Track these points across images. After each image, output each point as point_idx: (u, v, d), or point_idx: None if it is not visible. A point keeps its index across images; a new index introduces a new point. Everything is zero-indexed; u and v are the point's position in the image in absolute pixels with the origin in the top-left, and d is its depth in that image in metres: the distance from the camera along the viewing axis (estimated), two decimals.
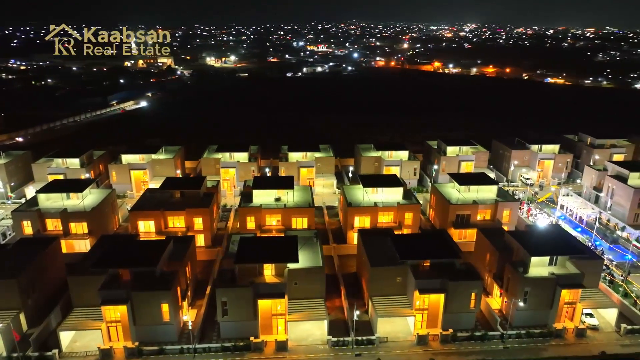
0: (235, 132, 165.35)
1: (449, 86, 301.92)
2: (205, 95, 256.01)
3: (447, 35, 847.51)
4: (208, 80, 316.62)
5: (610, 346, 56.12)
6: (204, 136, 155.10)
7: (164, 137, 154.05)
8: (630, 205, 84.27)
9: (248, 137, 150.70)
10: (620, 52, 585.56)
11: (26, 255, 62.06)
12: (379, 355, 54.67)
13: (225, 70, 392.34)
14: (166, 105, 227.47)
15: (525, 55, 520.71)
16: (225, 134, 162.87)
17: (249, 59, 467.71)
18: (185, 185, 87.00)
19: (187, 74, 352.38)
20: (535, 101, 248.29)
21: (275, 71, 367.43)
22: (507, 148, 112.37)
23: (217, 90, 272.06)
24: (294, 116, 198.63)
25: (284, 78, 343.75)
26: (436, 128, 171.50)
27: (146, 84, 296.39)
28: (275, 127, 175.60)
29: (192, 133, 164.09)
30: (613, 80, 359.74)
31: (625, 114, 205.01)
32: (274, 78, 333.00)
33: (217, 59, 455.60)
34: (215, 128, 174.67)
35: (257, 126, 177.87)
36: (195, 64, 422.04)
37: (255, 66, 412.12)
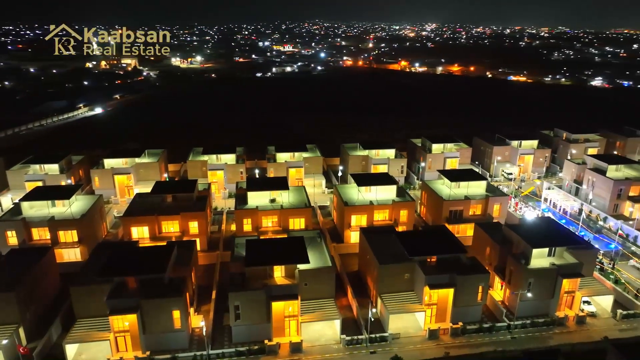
0: (212, 134, 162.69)
1: (420, 85, 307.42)
2: (176, 96, 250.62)
3: (410, 35, 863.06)
4: (176, 81, 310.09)
5: (610, 331, 58.83)
6: (181, 138, 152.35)
7: (139, 141, 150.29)
8: (610, 196, 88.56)
9: (226, 138, 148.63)
10: (574, 51, 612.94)
11: (21, 266, 59.31)
12: (394, 352, 55.21)
13: (193, 70, 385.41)
14: (137, 108, 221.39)
15: (486, 54, 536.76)
16: (203, 135, 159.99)
17: (215, 60, 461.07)
18: (176, 188, 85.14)
19: (153, 75, 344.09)
20: (502, 98, 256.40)
21: (245, 71, 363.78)
22: (488, 144, 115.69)
23: (188, 91, 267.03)
24: (271, 116, 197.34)
25: (254, 78, 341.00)
26: (413, 126, 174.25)
27: (112, 85, 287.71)
28: (254, 128, 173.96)
29: (169, 135, 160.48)
30: (570, 78, 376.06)
31: (586, 110, 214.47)
32: (244, 78, 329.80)
33: (182, 60, 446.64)
34: (192, 130, 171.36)
35: (234, 127, 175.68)
36: (161, 64, 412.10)
37: (222, 66, 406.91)
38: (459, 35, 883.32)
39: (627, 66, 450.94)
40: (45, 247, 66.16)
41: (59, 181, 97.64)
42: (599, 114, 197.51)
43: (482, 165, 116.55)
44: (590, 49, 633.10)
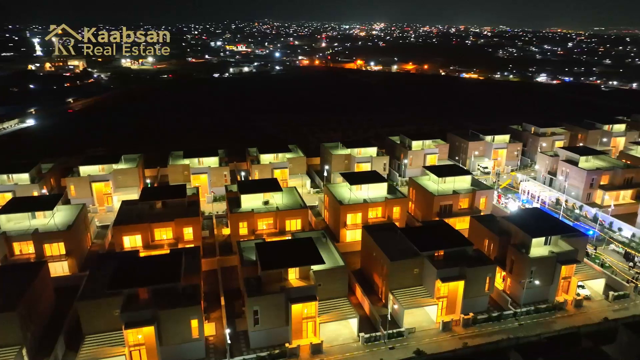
0: (181, 137, 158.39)
1: (380, 83, 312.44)
2: (134, 99, 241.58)
3: (360, 34, 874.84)
4: (131, 83, 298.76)
5: (605, 312, 62.68)
6: (148, 142, 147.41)
7: (106, 146, 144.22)
8: (584, 185, 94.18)
9: (196, 141, 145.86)
10: (516, 49, 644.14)
11: (16, 283, 55.57)
12: (412, 346, 56.26)
13: (147, 72, 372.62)
14: (93, 111, 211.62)
15: (436, 52, 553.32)
16: (171, 139, 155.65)
17: (167, 60, 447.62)
18: (167, 194, 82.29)
19: (104, 77, 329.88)
20: (459, 95, 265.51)
21: (202, 72, 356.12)
22: (463, 140, 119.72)
23: (147, 93, 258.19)
24: (239, 117, 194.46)
25: (212, 79, 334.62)
26: (383, 124, 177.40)
27: (61, 88, 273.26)
28: (223, 130, 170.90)
29: (135, 140, 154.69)
30: (517, 75, 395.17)
31: (537, 105, 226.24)
32: (202, 79, 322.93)
33: (133, 61, 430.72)
34: (157, 133, 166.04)
35: (201, 130, 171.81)
36: (110, 66, 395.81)
37: (176, 67, 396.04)
38: (408, 34, 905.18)
39: (565, 63, 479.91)
40: (39, 262, 62.27)
41: (31, 191, 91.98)
42: (548, 108, 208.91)
43: (457, 160, 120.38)
44: (530, 47, 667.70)
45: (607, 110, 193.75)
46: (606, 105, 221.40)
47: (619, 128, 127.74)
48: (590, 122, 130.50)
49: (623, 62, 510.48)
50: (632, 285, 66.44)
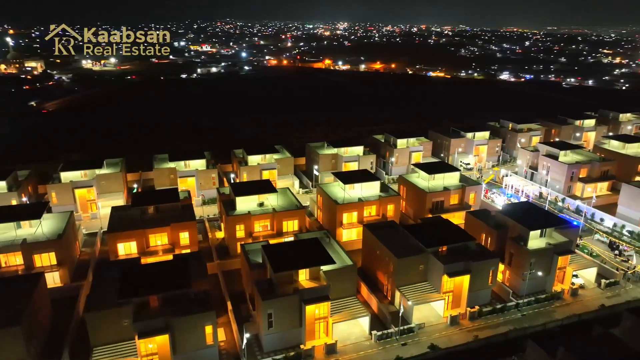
0: (158, 140, 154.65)
1: (350, 82, 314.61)
2: (105, 101, 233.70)
3: (325, 34, 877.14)
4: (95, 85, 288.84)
5: (600, 299, 65.62)
6: (123, 146, 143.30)
7: (80, 151, 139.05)
8: (565, 179, 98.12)
9: (175, 143, 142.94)
10: (477, 48, 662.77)
11: (15, 296, 52.98)
12: (423, 342, 57.16)
13: (110, 73, 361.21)
14: (62, 115, 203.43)
15: (401, 51, 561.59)
16: (149, 142, 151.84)
17: (131, 61, 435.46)
18: (158, 199, 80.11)
19: (66, 79, 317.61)
20: (428, 93, 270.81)
21: (170, 73, 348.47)
22: (445, 137, 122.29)
23: (114, 95, 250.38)
24: (214, 119, 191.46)
25: (181, 80, 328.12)
26: (361, 123, 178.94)
27: (21, 91, 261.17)
28: (200, 132, 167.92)
29: (110, 143, 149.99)
30: (481, 73, 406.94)
31: (506, 101, 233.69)
32: (171, 80, 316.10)
33: (94, 62, 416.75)
34: (133, 137, 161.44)
35: (178, 131, 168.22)
36: (70, 67, 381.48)
37: (141, 68, 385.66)
38: (372, 33, 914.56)
39: (524, 61, 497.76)
40: (36, 274, 59.34)
41: (9, 200, 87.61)
42: (517, 105, 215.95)
43: (439, 157, 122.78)
44: (491, 46, 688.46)
45: (570, 106, 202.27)
46: (569, 101, 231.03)
47: (589, 123, 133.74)
48: (563, 118, 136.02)
49: (577, 60, 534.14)
50: (622, 272, 69.74)
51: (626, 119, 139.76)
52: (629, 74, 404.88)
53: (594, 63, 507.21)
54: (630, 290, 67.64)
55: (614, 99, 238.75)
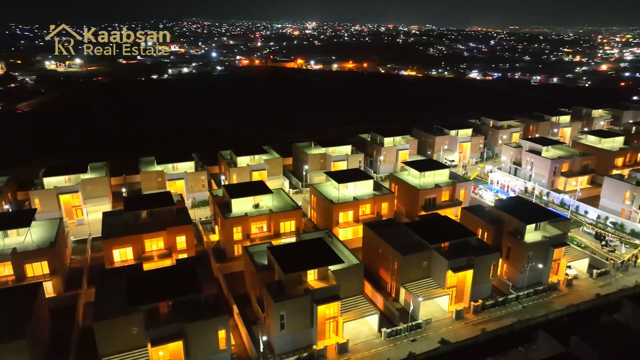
0: (136, 142, 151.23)
1: (325, 81, 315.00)
2: (73, 103, 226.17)
3: (294, 33, 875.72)
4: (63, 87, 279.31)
5: (593, 289, 68.16)
6: (103, 149, 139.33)
7: (56, 155, 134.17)
8: (549, 173, 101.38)
9: (154, 145, 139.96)
10: (445, 47, 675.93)
11: (16, 308, 50.90)
12: (431, 337, 58.02)
13: (77, 74, 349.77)
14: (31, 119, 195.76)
15: (371, 51, 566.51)
16: (127, 144, 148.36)
17: (97, 62, 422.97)
18: (153, 203, 78.18)
19: (30, 81, 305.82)
20: (403, 91, 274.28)
21: (140, 73, 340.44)
22: (429, 135, 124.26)
23: (85, 97, 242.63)
24: (193, 120, 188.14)
25: (152, 81, 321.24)
26: (342, 122, 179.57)
27: None
28: (180, 133, 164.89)
29: (87, 146, 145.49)
30: (451, 71, 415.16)
31: (479, 99, 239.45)
32: (142, 81, 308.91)
33: (58, 63, 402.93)
34: (110, 139, 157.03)
35: (157, 133, 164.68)
36: (33, 68, 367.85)
37: (107, 69, 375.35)
38: (341, 33, 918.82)
39: (491, 60, 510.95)
40: (35, 284, 57.09)
41: None
42: (490, 102, 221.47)
43: (424, 155, 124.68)
44: (458, 45, 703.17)
45: (541, 102, 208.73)
46: (539, 98, 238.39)
47: (565, 119, 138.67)
48: (540, 115, 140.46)
49: (540, 58, 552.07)
50: (612, 262, 72.68)
51: (598, 115, 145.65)
52: (590, 72, 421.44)
53: (556, 61, 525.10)
54: (620, 279, 70.55)
55: (580, 95, 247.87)
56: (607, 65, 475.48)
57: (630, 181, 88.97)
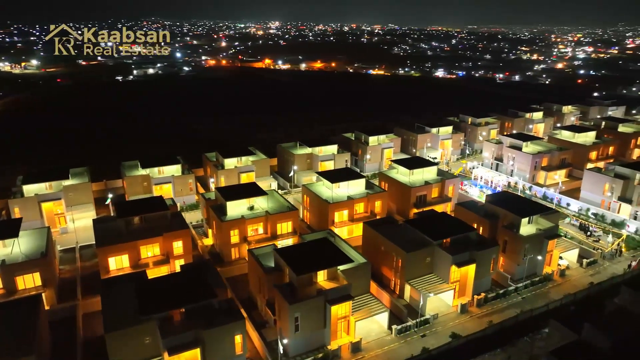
0: (112, 146, 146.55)
1: (297, 81, 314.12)
2: (32, 107, 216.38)
3: (258, 33, 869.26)
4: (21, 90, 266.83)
5: (585, 278, 71.12)
6: (75, 153, 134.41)
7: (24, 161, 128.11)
8: (530, 168, 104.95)
9: (132, 149, 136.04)
10: (409, 46, 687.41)
11: (18, 323, 48.48)
12: (440, 332, 59.09)
13: (36, 77, 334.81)
14: None
15: (336, 50, 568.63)
16: (102, 149, 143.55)
17: (55, 63, 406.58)
18: (146, 208, 75.83)
19: None
20: (374, 90, 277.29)
21: (103, 75, 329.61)
22: (412, 133, 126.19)
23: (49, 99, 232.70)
24: (169, 122, 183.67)
25: (117, 82, 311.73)
26: (321, 122, 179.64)
27: None
28: (157, 135, 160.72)
29: (58, 152, 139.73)
30: (417, 70, 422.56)
31: (451, 97, 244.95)
32: (107, 83, 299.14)
33: (13, 65, 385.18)
34: (82, 143, 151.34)
35: (133, 136, 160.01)
36: None
37: (69, 70, 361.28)
38: (305, 32, 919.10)
39: (454, 58, 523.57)
40: (34, 297, 54.50)
41: None
42: (462, 100, 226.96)
43: (407, 153, 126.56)
44: (421, 44, 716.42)
45: (509, 99, 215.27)
46: (507, 95, 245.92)
47: (538, 115, 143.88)
48: (514, 111, 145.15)
49: (500, 57, 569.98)
50: (600, 252, 76.04)
51: (568, 111, 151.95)
52: (548, 70, 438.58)
53: (515, 59, 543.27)
54: (609, 267, 73.94)
55: (543, 92, 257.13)
56: (562, 64, 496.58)
57: (609, 173, 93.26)
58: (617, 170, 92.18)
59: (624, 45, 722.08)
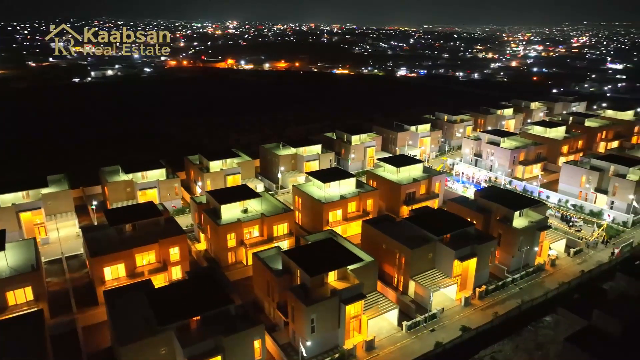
0: (83, 151, 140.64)
1: (262, 81, 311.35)
2: None
3: (217, 33, 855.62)
4: None
5: (574, 266, 74.40)
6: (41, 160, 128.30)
7: None
8: (509, 163, 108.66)
9: (105, 154, 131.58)
10: (369, 45, 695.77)
11: (23, 340, 45.83)
12: (447, 325, 60.34)
13: None
14: None
15: (298, 50, 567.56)
16: (73, 155, 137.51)
17: (2, 64, 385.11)
18: (137, 214, 73.21)
19: None
20: (341, 89, 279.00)
21: (58, 77, 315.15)
22: (391, 131, 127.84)
23: None
24: (137, 125, 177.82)
25: (75, 84, 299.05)
26: (297, 122, 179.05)
27: None
28: (126, 139, 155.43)
29: (21, 159, 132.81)
30: (380, 69, 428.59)
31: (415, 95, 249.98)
32: (64, 85, 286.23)
33: None
34: (44, 149, 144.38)
35: (103, 141, 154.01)
36: None
37: (18, 73, 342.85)
38: (264, 32, 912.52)
39: (413, 57, 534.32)
40: (35, 312, 51.56)
41: None
42: (429, 98, 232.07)
43: (387, 151, 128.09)
44: (380, 43, 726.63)
45: (475, 97, 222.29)
46: (472, 93, 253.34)
47: (509, 112, 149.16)
48: (486, 108, 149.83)
49: (457, 55, 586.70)
50: (585, 241, 79.75)
51: (536, 107, 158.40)
52: (504, 68, 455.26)
53: (472, 58, 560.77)
54: (594, 255, 77.66)
55: (503, 89, 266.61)
56: (516, 62, 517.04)
57: (584, 166, 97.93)
58: (592, 163, 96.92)
59: (570, 44, 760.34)
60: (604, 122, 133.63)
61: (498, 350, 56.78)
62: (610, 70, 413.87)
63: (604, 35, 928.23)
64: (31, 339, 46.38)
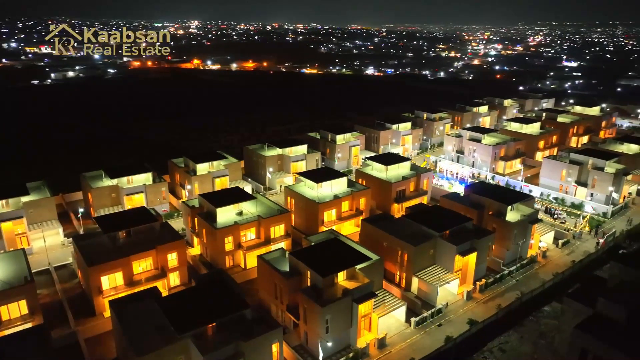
0: (55, 157, 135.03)
1: (235, 81, 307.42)
2: None
3: (179, 33, 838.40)
4: None
5: (564, 257, 77.27)
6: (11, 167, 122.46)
7: None
8: (490, 159, 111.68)
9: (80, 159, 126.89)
10: (334, 45, 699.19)
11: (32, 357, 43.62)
12: (453, 320, 61.49)
13: None
14: None
15: (263, 49, 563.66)
16: (45, 160, 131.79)
17: None
18: (131, 221, 70.80)
19: None
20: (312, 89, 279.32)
21: (16, 79, 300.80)
22: (374, 130, 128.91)
23: None
24: (108, 129, 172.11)
25: (35, 87, 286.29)
26: (275, 122, 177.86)
27: None
28: (100, 143, 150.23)
29: None
30: (348, 68, 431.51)
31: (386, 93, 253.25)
32: (21, 88, 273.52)
33: None
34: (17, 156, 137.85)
35: (75, 145, 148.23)
36: None
37: None
38: (228, 32, 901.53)
39: (379, 56, 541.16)
40: (39, 327, 49.01)
41: None
42: (401, 97, 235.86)
43: (370, 149, 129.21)
44: (345, 43, 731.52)
45: (446, 95, 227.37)
46: (443, 91, 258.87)
47: (484, 109, 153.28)
48: (462, 106, 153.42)
49: (421, 54, 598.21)
50: (572, 233, 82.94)
51: (509, 104, 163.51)
52: (467, 66, 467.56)
53: (435, 57, 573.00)
54: (580, 246, 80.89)
55: (470, 87, 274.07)
56: (478, 60, 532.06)
57: (564, 160, 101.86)
58: (572, 157, 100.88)
59: (527, 43, 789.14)
60: (575, 117, 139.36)
61: (504, 341, 58.37)
62: (567, 68, 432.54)
63: (557, 34, 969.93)
64: (38, 355, 44.05)
